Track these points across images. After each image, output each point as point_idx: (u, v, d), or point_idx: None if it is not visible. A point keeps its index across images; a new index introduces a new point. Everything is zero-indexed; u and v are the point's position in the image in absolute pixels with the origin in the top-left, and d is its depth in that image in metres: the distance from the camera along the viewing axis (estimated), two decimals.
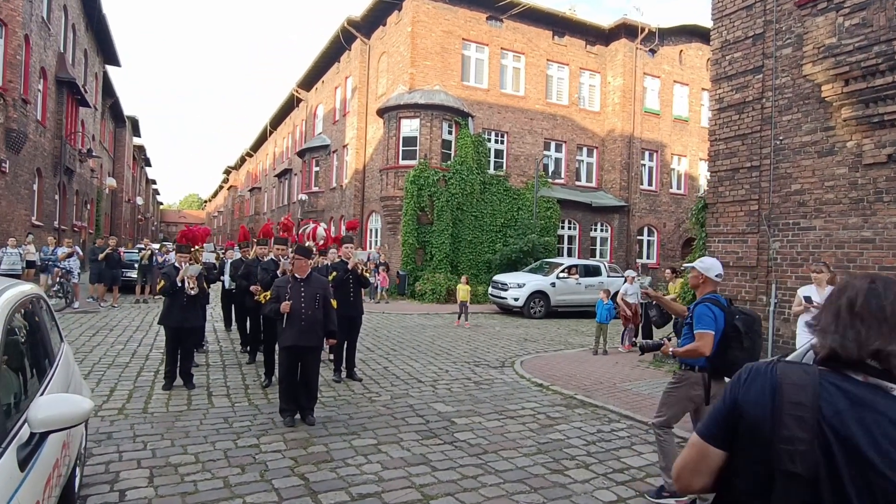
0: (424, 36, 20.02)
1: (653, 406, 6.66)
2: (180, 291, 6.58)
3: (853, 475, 1.13)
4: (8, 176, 14.21)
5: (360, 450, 4.93)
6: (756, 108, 8.13)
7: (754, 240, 8.09)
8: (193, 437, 5.08)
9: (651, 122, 24.14)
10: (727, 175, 8.47)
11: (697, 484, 1.42)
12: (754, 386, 1.30)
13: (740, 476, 1.30)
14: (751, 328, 3.91)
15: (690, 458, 1.39)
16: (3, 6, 13.75)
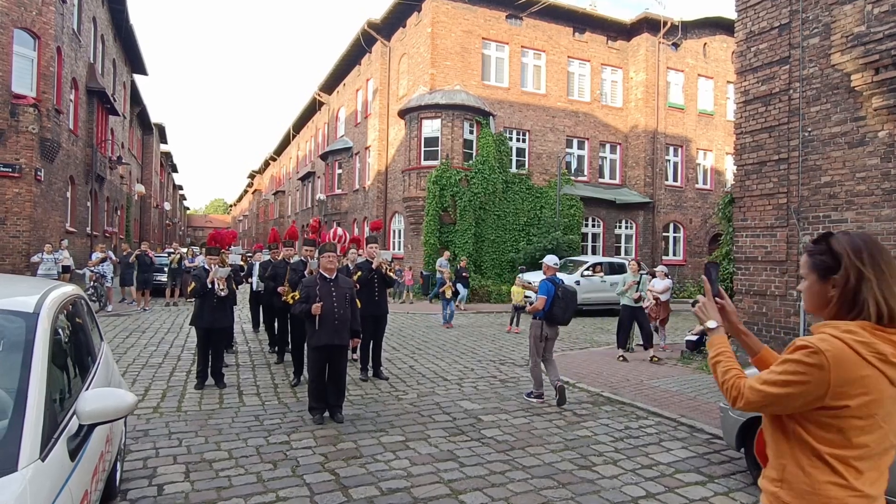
0: (444, 36, 20.08)
1: (681, 403, 6.62)
2: (210, 293, 6.74)
3: None
4: (43, 184, 14.69)
5: (389, 446, 5.00)
6: (783, 99, 7.98)
7: (783, 234, 7.93)
8: (226, 435, 5.21)
9: (675, 116, 23.80)
10: (754, 169, 8.32)
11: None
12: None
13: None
14: (566, 296, 6.49)
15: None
16: (36, 20, 14.22)
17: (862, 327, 1.44)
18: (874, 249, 1.50)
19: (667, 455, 4.98)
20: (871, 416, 1.42)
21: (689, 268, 23.95)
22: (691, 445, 5.23)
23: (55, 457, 2.14)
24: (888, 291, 1.45)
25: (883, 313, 1.44)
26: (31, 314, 2.53)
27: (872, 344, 1.41)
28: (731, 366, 1.64)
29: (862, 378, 1.39)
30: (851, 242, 1.51)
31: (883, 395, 1.41)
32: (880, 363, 1.40)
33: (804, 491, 1.49)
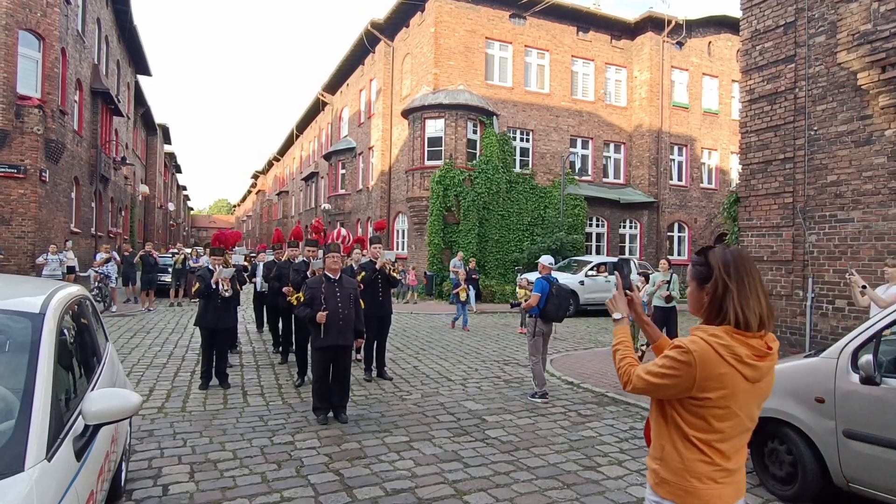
0: (447, 36, 20.07)
1: None
2: (214, 293, 6.75)
3: None
4: (48, 185, 14.74)
5: (393, 447, 4.99)
6: (789, 98, 7.94)
7: (789, 233, 7.90)
8: (230, 435, 5.21)
9: (680, 115, 23.74)
10: (759, 168, 8.29)
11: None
12: None
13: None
14: (560, 294, 6.81)
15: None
16: (40, 21, 14.27)
17: (725, 332, 1.69)
18: (740, 264, 1.73)
19: None
20: (727, 406, 1.69)
21: None
22: None
23: (61, 457, 2.14)
24: (745, 303, 1.69)
25: (740, 321, 1.68)
26: (37, 315, 2.54)
27: (731, 346, 1.66)
28: (626, 354, 1.93)
29: (720, 375, 1.65)
30: (723, 257, 1.76)
31: (737, 390, 1.68)
32: (737, 363, 1.65)
33: (678, 468, 1.76)
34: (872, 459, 3.54)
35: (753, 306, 1.69)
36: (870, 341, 3.69)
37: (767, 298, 1.74)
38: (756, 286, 1.71)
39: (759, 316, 1.69)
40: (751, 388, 1.69)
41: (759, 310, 1.69)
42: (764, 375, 1.71)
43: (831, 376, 3.80)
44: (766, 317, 1.71)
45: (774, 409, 4.10)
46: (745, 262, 1.74)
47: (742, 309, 1.68)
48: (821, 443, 3.84)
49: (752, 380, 1.68)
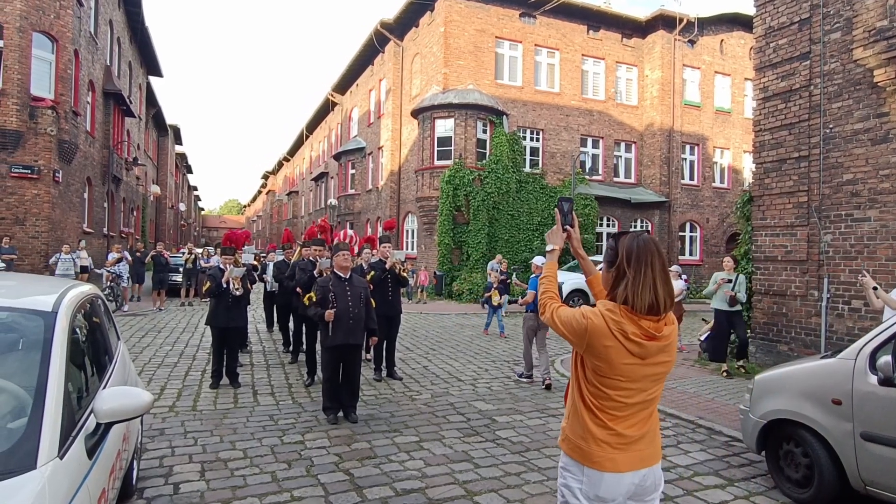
0: (457, 35, 20.05)
1: (699, 405, 6.52)
2: (225, 293, 6.77)
3: None
4: (61, 185, 14.89)
5: (403, 447, 4.97)
6: (804, 95, 7.83)
7: (804, 233, 7.79)
8: (241, 434, 5.22)
9: (691, 114, 23.54)
10: (773, 166, 8.19)
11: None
12: None
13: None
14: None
15: None
16: (54, 23, 14.42)
17: (620, 309, 1.87)
18: (643, 253, 1.89)
19: (685, 457, 4.90)
20: (614, 377, 1.89)
21: (706, 267, 23.67)
22: (710, 448, 5.15)
23: (73, 455, 2.14)
24: (637, 289, 1.86)
25: (629, 303, 1.86)
26: (50, 313, 2.54)
27: (621, 323, 1.85)
28: (549, 288, 2.16)
29: (606, 347, 1.85)
30: (628, 245, 1.93)
31: (620, 362, 1.86)
32: (622, 338, 1.84)
33: (578, 427, 1.98)
34: (891, 462, 3.47)
35: (643, 293, 1.84)
36: (888, 342, 3.61)
37: (667, 287, 1.89)
38: (653, 276, 1.86)
39: (648, 302, 1.84)
40: (640, 363, 1.87)
41: (650, 297, 1.84)
42: (652, 354, 1.87)
43: (849, 378, 3.73)
44: (661, 303, 1.86)
45: (789, 410, 4.04)
46: (648, 253, 1.88)
47: (633, 294, 1.85)
48: (838, 445, 3.77)
49: (638, 356, 1.85)
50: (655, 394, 1.98)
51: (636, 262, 1.88)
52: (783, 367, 4.40)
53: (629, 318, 1.85)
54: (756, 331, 8.53)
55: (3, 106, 13.68)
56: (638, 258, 1.88)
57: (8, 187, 13.83)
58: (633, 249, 1.91)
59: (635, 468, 1.92)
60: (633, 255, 1.89)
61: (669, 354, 1.94)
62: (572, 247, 2.30)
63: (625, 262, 1.90)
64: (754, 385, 4.39)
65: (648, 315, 1.86)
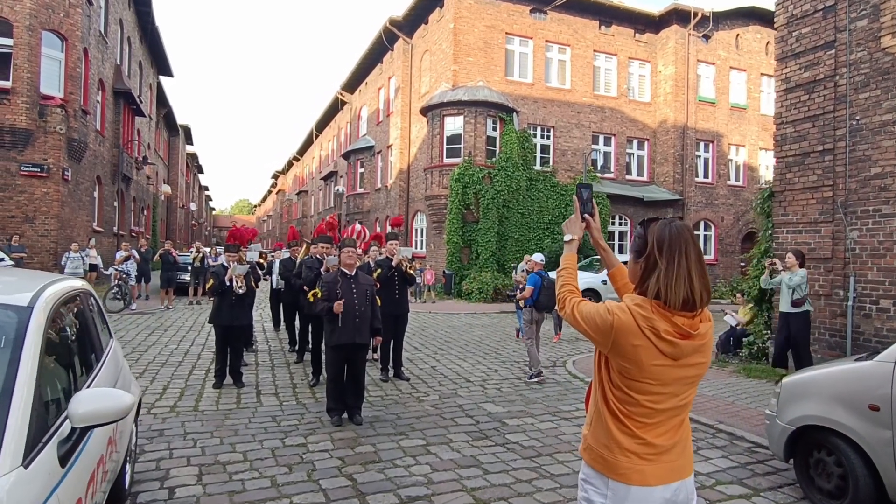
0: (467, 32, 19.82)
1: (718, 409, 6.25)
2: (229, 290, 6.60)
3: None
4: (70, 184, 14.88)
5: (409, 451, 4.76)
6: (828, 86, 7.51)
7: (828, 229, 7.47)
8: (242, 436, 5.04)
9: (706, 111, 23.11)
10: (796, 160, 7.87)
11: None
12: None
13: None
14: (550, 286, 7.51)
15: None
16: (63, 22, 14.40)
17: (651, 304, 1.67)
18: (675, 242, 1.69)
19: (706, 465, 4.64)
20: (643, 380, 1.68)
21: (720, 267, 23.25)
22: (732, 454, 4.88)
23: (41, 463, 1.95)
24: (670, 281, 1.65)
25: (660, 297, 1.66)
26: (25, 308, 2.36)
27: (651, 319, 1.64)
28: (569, 281, 1.95)
29: (635, 347, 1.65)
30: (659, 232, 1.72)
31: (650, 363, 1.65)
32: (654, 337, 1.64)
33: (602, 436, 1.78)
34: None
35: (677, 286, 1.65)
36: None
37: (703, 279, 1.69)
38: (687, 266, 1.67)
39: (683, 296, 1.65)
40: (672, 365, 1.67)
41: (685, 290, 1.65)
42: (687, 354, 1.67)
43: (888, 382, 3.46)
44: (697, 298, 1.66)
45: (821, 416, 3.77)
46: (681, 241, 1.69)
47: (665, 287, 1.65)
48: (874, 454, 3.50)
49: (671, 356, 1.65)
50: (688, 399, 1.77)
51: (669, 250, 1.68)
52: (813, 370, 4.13)
53: (661, 314, 1.66)
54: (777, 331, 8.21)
55: (13, 104, 13.68)
56: (671, 246, 1.68)
57: (18, 186, 13.82)
58: (664, 237, 1.70)
59: (666, 481, 1.72)
60: (666, 244, 1.69)
61: (705, 355, 1.74)
62: (592, 237, 2.09)
63: (656, 251, 1.70)
64: (781, 389, 4.12)
65: (683, 311, 1.66)
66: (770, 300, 8.50)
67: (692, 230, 1.76)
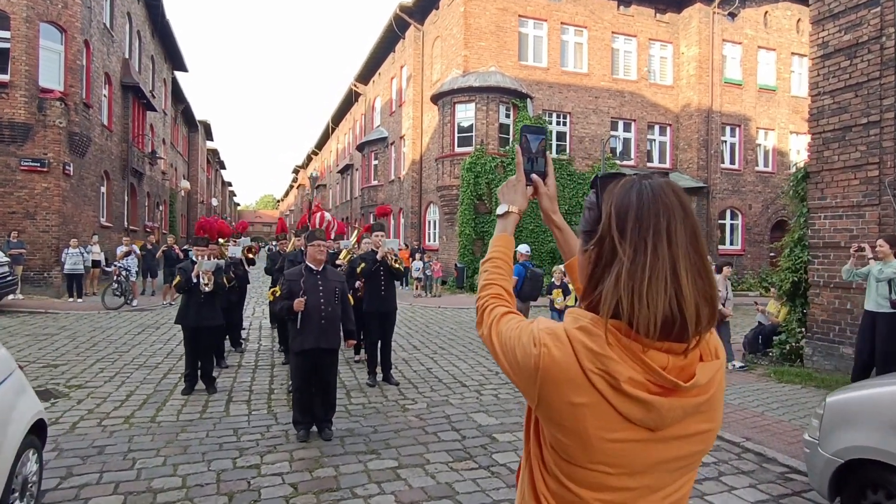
0: (478, 15, 18.98)
1: (745, 421, 5.44)
2: (196, 288, 6.03)
3: None
4: (73, 178, 14.59)
5: (375, 475, 4.10)
6: (873, 49, 6.56)
7: (874, 213, 6.54)
8: (190, 454, 4.44)
9: (732, 93, 21.83)
10: (836, 136, 6.93)
11: None
12: None
13: None
14: (533, 277, 7.94)
15: None
16: (62, 13, 14.06)
17: (605, 328, 0.93)
18: (649, 214, 0.94)
19: (730, 497, 3.86)
20: (593, 466, 0.95)
21: (748, 258, 22.03)
22: (762, 483, 4.08)
23: None
24: (639, 285, 0.91)
25: (622, 315, 0.91)
26: None
27: (605, 358, 0.91)
28: (494, 280, 1.23)
29: (574, 408, 0.93)
30: (621, 197, 0.98)
31: (605, 437, 0.93)
32: (609, 390, 0.91)
33: None
34: None
35: (653, 294, 0.90)
36: None
37: (704, 281, 0.93)
38: (671, 258, 0.92)
39: (661, 313, 0.90)
40: (646, 440, 0.94)
41: (666, 303, 0.90)
42: (672, 420, 0.93)
43: None
44: (690, 316, 0.91)
45: (879, 448, 2.96)
46: (660, 213, 0.94)
47: (630, 296, 0.91)
48: None
49: (643, 424, 0.93)
50: (679, 494, 1.02)
51: (637, 229, 0.94)
52: (868, 388, 3.32)
53: (624, 347, 0.93)
54: (813, 330, 7.31)
55: (12, 98, 13.41)
56: (641, 222, 0.94)
57: (18, 181, 13.58)
58: (629, 204, 0.96)
59: None
60: (632, 217, 0.95)
61: (709, 419, 0.99)
62: (542, 208, 1.33)
63: (615, 230, 0.96)
64: (825, 410, 3.31)
65: (663, 339, 0.93)
66: (805, 295, 7.58)
67: (682, 193, 1.00)
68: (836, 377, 6.72)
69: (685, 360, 0.94)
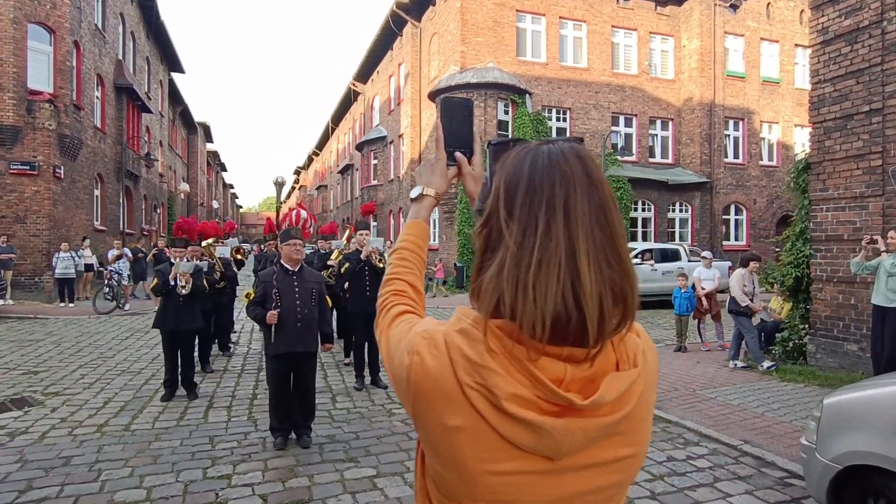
0: (475, 10, 18.74)
1: (745, 422, 5.20)
2: (174, 290, 5.83)
3: None
4: (64, 181, 14.44)
5: (350, 485, 3.89)
6: (874, 34, 6.30)
7: (877, 205, 6.28)
8: (160, 465, 4.24)
9: (735, 86, 21.52)
10: (837, 125, 6.67)
11: None
12: None
13: None
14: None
15: None
16: (50, 13, 13.91)
17: (488, 329, 0.73)
18: (544, 183, 0.75)
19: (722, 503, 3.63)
20: (472, 502, 0.76)
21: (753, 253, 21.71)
22: (759, 489, 3.84)
23: None
24: (524, 274, 0.71)
25: (505, 311, 0.73)
26: None
27: (483, 369, 0.72)
28: (399, 274, 1.02)
29: (450, 432, 0.74)
30: (512, 166, 0.79)
31: (486, 468, 0.74)
32: (490, 410, 0.72)
33: None
34: None
35: (542, 284, 0.71)
36: None
37: (618, 268, 0.74)
38: (569, 237, 0.72)
39: (552, 309, 0.70)
40: (543, 472, 0.75)
41: (558, 295, 0.70)
42: (575, 447, 0.74)
43: None
44: (592, 312, 0.71)
45: (880, 454, 2.73)
46: (556, 181, 0.75)
47: (513, 289, 0.72)
48: None
49: (537, 453, 0.73)
50: None
51: (527, 205, 0.76)
52: (867, 389, 3.08)
53: (509, 354, 0.74)
54: (816, 326, 7.05)
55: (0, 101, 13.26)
56: (531, 196, 0.76)
57: (7, 185, 13.44)
58: (519, 176, 0.78)
59: None
60: (522, 191, 0.77)
61: (630, 440, 0.79)
62: (467, 192, 1.11)
63: (502, 208, 0.78)
64: (822, 412, 3.08)
65: (560, 344, 0.73)
66: (808, 290, 7.32)
67: (589, 159, 0.80)
68: (840, 375, 6.46)
69: (590, 371, 0.74)
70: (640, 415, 0.79)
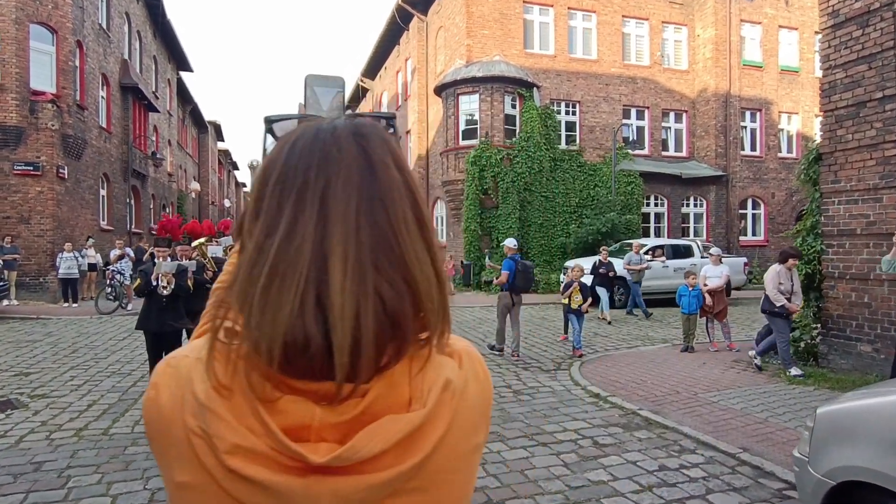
0: (481, 3, 18.44)
1: (745, 428, 4.92)
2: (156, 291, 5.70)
3: None
4: (68, 182, 14.49)
5: None
6: (886, 17, 5.94)
7: (892, 197, 5.93)
8: (131, 471, 4.12)
9: (752, 76, 20.94)
10: (849, 113, 6.32)
11: None
12: None
13: None
14: (525, 269, 7.85)
15: None
16: (52, 13, 13.94)
17: (212, 356, 0.57)
18: (298, 170, 0.57)
19: None
20: None
21: (771, 249, 21.12)
22: (754, 502, 3.59)
23: None
24: (251, 286, 0.55)
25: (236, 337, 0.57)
26: None
27: (207, 410, 0.55)
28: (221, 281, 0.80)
29: (179, 488, 0.58)
30: (274, 150, 0.62)
31: None
32: (213, 461, 0.55)
33: None
34: None
35: (274, 300, 0.52)
36: None
37: (397, 275, 0.54)
38: (319, 237, 0.53)
39: (284, 331, 0.51)
40: None
41: (295, 313, 0.51)
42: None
43: None
44: (340, 337, 0.51)
45: (876, 470, 2.47)
46: (311, 167, 0.56)
47: (241, 304, 0.55)
48: None
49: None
50: None
51: (276, 199, 0.57)
52: (863, 398, 2.81)
53: (242, 391, 0.55)
54: (828, 326, 6.72)
55: (3, 101, 13.34)
56: (281, 187, 0.57)
57: (11, 185, 13.51)
58: (276, 161, 0.59)
59: None
60: (272, 183, 0.58)
61: (433, 500, 0.59)
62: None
63: (251, 207, 0.60)
64: (815, 422, 2.81)
65: (302, 377, 0.54)
66: (820, 288, 6.98)
67: (373, 137, 0.59)
68: (852, 378, 6.13)
69: (356, 413, 0.55)
70: (444, 466, 0.59)
